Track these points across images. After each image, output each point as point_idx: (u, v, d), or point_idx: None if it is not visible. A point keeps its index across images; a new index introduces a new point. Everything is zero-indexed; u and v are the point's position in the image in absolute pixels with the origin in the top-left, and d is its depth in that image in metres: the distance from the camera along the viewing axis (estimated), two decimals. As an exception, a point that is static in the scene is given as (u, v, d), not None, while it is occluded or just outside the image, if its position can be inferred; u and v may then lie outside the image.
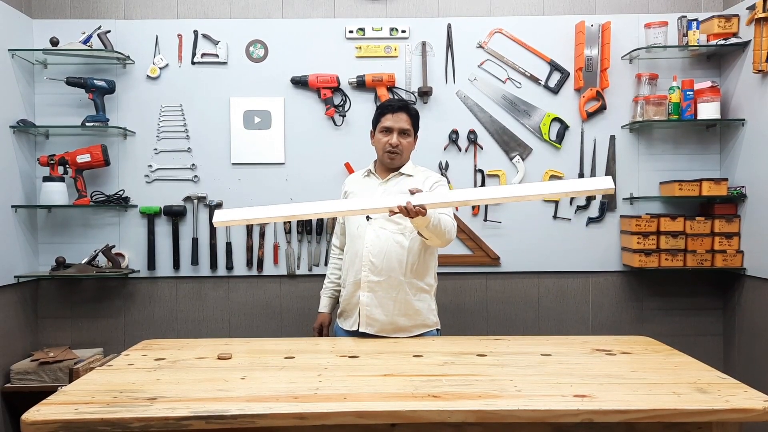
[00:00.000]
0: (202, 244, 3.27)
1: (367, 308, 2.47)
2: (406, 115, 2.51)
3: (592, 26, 3.22)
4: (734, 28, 3.06)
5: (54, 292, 3.27)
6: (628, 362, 2.08)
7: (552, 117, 3.26)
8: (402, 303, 2.47)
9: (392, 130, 2.49)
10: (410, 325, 2.48)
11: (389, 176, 2.55)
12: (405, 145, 2.51)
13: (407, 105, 2.57)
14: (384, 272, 2.45)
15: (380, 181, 2.55)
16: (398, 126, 2.49)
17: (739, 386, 1.80)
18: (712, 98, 3.08)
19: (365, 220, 2.49)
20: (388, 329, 2.47)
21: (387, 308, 2.46)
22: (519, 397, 1.70)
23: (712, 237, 3.13)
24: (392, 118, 2.50)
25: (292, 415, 1.60)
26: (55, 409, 1.63)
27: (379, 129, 2.53)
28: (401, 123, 2.49)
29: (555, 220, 3.29)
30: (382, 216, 2.46)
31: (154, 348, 2.30)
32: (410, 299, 2.48)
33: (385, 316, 2.46)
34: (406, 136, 2.51)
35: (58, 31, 3.14)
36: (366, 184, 2.59)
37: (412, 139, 2.56)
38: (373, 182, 2.57)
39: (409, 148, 2.55)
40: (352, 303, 2.52)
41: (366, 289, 2.47)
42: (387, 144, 2.50)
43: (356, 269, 2.49)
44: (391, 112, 2.51)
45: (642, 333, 2.81)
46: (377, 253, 2.45)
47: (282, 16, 3.27)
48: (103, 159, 3.10)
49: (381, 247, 2.45)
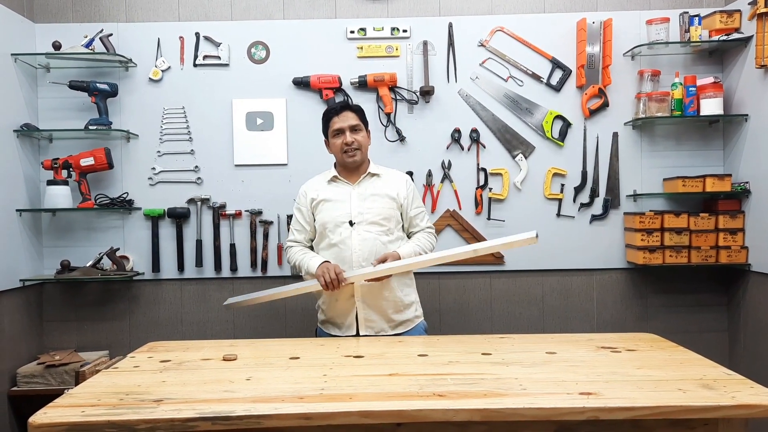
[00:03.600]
0: (206, 246, 3.27)
1: (364, 312, 2.52)
2: (350, 112, 2.58)
3: (594, 23, 3.21)
4: (736, 23, 3.05)
5: (59, 295, 3.28)
6: (633, 359, 2.07)
7: (554, 115, 3.26)
8: (393, 301, 2.54)
9: (343, 130, 2.54)
10: (403, 320, 2.57)
11: (360, 178, 2.59)
12: (360, 140, 2.56)
13: (348, 104, 2.70)
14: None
15: (351, 185, 2.59)
16: (347, 124, 2.55)
17: (745, 382, 1.80)
18: (715, 94, 3.08)
19: (348, 224, 2.52)
20: (386, 327, 2.54)
21: (380, 308, 2.53)
22: (524, 396, 1.70)
23: (717, 233, 3.12)
24: (339, 120, 2.56)
25: (297, 415, 1.60)
26: (62, 411, 1.64)
27: (330, 135, 2.60)
28: (349, 120, 2.55)
29: (558, 218, 3.28)
30: (365, 220, 2.52)
31: (160, 350, 2.31)
32: (400, 296, 2.56)
33: (380, 316, 2.53)
34: (357, 131, 2.57)
35: (61, 35, 3.15)
36: (336, 190, 2.61)
37: (366, 134, 2.61)
38: (344, 187, 2.60)
39: (365, 143, 2.59)
40: (343, 309, 2.55)
41: (359, 293, 2.51)
42: (343, 144, 2.54)
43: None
44: (336, 114, 2.58)
45: (647, 330, 2.80)
46: (368, 256, 2.50)
47: (283, 17, 3.28)
48: (107, 162, 3.11)
49: (369, 250, 2.50)
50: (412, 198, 2.62)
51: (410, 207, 2.61)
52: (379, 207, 2.54)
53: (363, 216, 2.52)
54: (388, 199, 2.56)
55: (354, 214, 2.53)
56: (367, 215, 2.52)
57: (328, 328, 2.62)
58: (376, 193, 2.56)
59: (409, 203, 2.61)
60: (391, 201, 2.57)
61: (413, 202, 2.63)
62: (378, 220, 2.52)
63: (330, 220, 2.55)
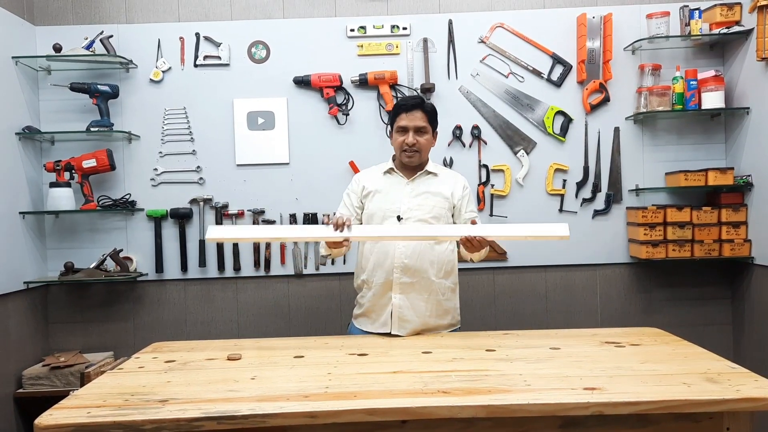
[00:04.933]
0: (210, 246, 3.27)
1: (400, 310, 2.45)
2: (421, 112, 2.46)
3: (594, 18, 3.21)
4: (737, 16, 3.04)
5: (63, 297, 3.29)
6: (637, 354, 2.08)
7: (555, 110, 3.26)
8: (433, 304, 2.47)
9: (408, 129, 2.46)
10: (439, 325, 2.50)
11: (415, 175, 2.52)
12: (422, 143, 2.48)
13: (422, 102, 2.51)
14: (417, 274, 2.44)
15: (406, 180, 2.53)
16: (413, 125, 2.45)
17: (750, 375, 1.80)
18: (716, 87, 3.07)
19: (396, 219, 2.46)
20: (419, 330, 2.46)
21: (419, 309, 2.46)
22: (529, 391, 1.71)
23: (719, 226, 3.11)
24: (407, 117, 2.46)
25: (302, 414, 1.61)
26: (68, 413, 1.64)
27: (395, 129, 2.50)
28: (416, 121, 2.45)
29: (561, 214, 3.28)
30: (413, 217, 2.45)
31: (164, 350, 2.31)
32: (440, 300, 2.49)
33: (417, 318, 2.45)
34: (422, 133, 2.47)
35: (61, 38, 3.15)
36: (390, 182, 2.54)
37: (430, 136, 2.51)
38: (398, 180, 2.54)
39: (427, 146, 2.51)
40: (380, 304, 2.49)
41: (398, 290, 2.45)
42: (403, 144, 2.46)
43: (387, 270, 2.46)
44: (406, 111, 2.47)
45: (651, 324, 2.80)
46: (410, 254, 2.44)
47: (283, 17, 3.28)
48: (109, 163, 3.12)
49: (414, 248, 2.44)
50: (467, 200, 2.54)
51: (464, 209, 2.53)
52: (430, 205, 2.47)
53: (412, 212, 2.46)
54: (441, 198, 2.49)
55: (403, 210, 2.46)
56: (416, 212, 2.46)
57: (361, 323, 2.55)
58: (429, 190, 2.49)
59: (463, 205, 2.52)
60: (444, 200, 2.49)
61: (468, 204, 2.55)
62: (427, 218, 2.45)
63: (378, 211, 2.49)
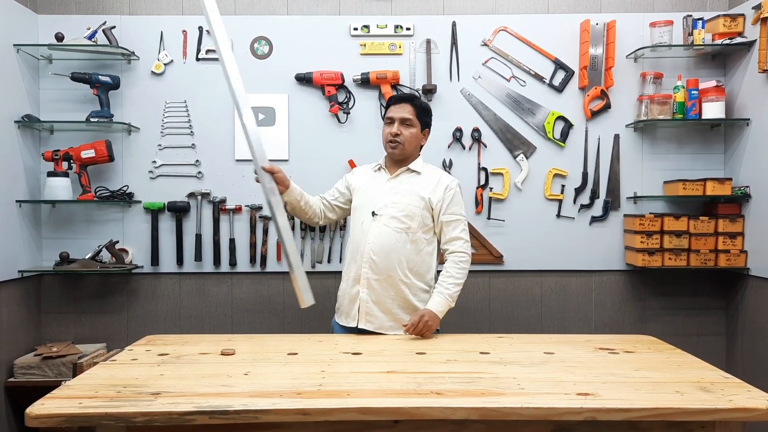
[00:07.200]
0: (206, 240, 3.27)
1: (366, 305, 2.48)
2: (409, 106, 2.52)
3: (597, 25, 3.21)
4: (740, 27, 3.05)
5: (57, 287, 3.27)
6: (631, 361, 2.08)
7: (556, 115, 3.26)
8: (401, 301, 2.48)
9: (393, 120, 2.51)
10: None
11: (398, 171, 2.55)
12: (407, 135, 2.50)
13: (413, 97, 2.58)
14: (383, 271, 2.46)
15: (388, 176, 2.56)
16: (399, 116, 2.50)
17: (743, 385, 1.80)
18: (717, 98, 3.08)
19: (371, 215, 2.49)
20: (386, 326, 2.48)
21: (385, 305, 2.47)
22: (522, 395, 1.71)
23: (716, 236, 3.12)
24: (395, 109, 2.52)
25: (295, 410, 1.61)
26: (59, 403, 1.64)
27: (384, 121, 2.57)
28: (403, 113, 2.50)
29: (558, 219, 3.28)
30: (387, 213, 2.47)
31: (158, 343, 2.31)
32: (409, 298, 2.49)
33: (383, 314, 2.47)
34: (407, 126, 2.50)
35: (63, 27, 3.14)
36: (374, 178, 2.60)
37: (417, 131, 2.53)
38: (382, 177, 2.58)
39: (411, 139, 2.51)
40: (349, 297, 2.52)
41: (365, 285, 2.48)
42: (388, 134, 2.51)
43: (357, 265, 2.50)
44: (395, 103, 2.54)
45: (645, 332, 2.81)
46: (378, 251, 2.46)
47: (287, 13, 3.27)
48: (108, 155, 3.11)
49: (383, 245, 2.45)
50: (448, 203, 2.49)
51: (443, 211, 2.49)
52: (404, 203, 2.48)
53: (387, 209, 2.48)
54: (417, 197, 2.48)
55: (379, 206, 2.49)
56: (391, 209, 2.47)
57: (338, 317, 2.60)
58: (407, 189, 2.50)
59: (442, 207, 2.49)
60: (420, 200, 2.48)
61: (448, 207, 2.50)
62: (399, 216, 2.46)
63: (358, 207, 2.56)
